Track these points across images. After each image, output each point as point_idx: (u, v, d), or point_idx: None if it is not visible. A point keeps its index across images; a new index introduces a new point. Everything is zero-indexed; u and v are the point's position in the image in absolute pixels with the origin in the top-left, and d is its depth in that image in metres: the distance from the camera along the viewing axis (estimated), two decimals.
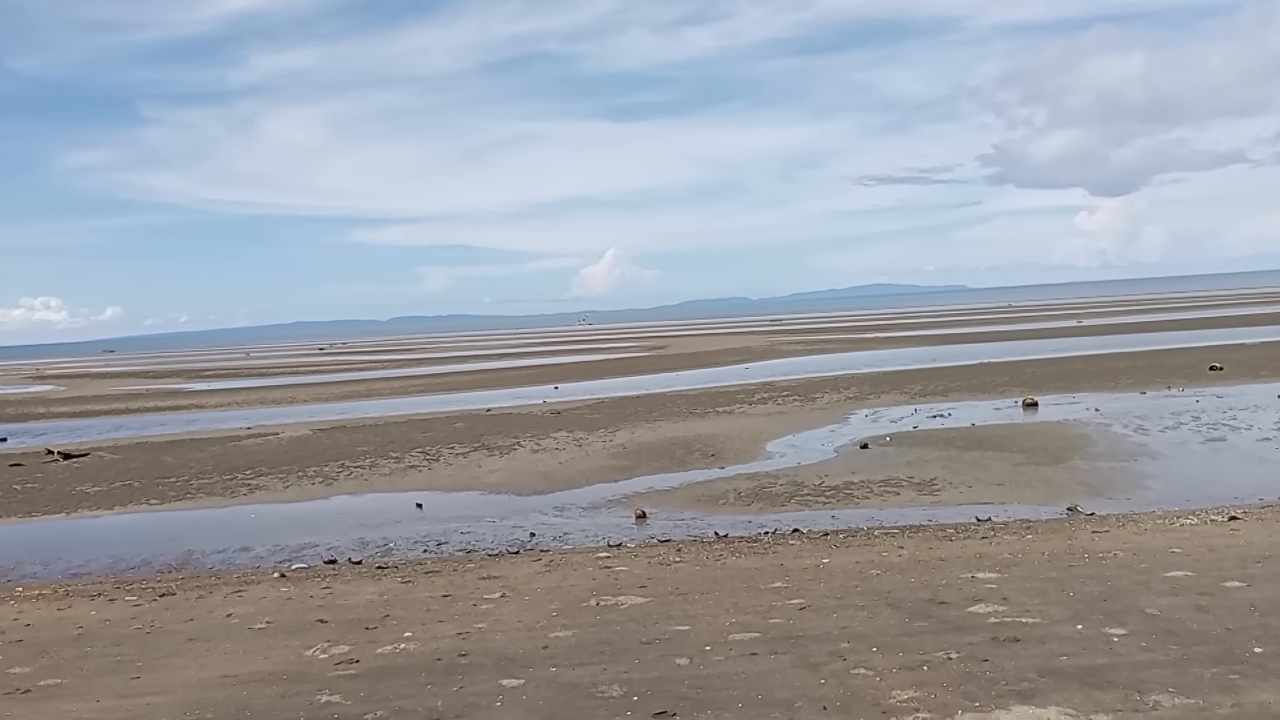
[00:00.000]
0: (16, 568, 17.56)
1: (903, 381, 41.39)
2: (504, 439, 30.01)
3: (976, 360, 50.89)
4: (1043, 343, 64.37)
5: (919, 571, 12.07)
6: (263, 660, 10.05)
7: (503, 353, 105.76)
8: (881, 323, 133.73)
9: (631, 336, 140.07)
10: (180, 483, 25.58)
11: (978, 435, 25.44)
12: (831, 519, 17.30)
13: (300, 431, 35.69)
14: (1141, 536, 13.56)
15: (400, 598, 12.62)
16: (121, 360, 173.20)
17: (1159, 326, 75.77)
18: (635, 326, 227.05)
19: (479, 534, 18.01)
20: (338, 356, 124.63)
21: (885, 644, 9.14)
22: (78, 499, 24.16)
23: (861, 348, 72.55)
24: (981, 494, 18.63)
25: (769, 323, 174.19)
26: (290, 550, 17.58)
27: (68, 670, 10.19)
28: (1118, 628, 9.18)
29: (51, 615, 13.05)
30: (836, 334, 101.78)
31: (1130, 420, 26.42)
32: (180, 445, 33.80)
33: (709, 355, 74.15)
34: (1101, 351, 51.86)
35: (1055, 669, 8.17)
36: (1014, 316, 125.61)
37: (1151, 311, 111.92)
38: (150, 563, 17.39)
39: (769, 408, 34.53)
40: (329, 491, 23.39)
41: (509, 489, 22.18)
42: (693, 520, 17.97)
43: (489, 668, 9.23)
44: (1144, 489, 18.38)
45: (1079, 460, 21.33)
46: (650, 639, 9.82)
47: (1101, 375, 38.67)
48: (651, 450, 26.24)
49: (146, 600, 13.62)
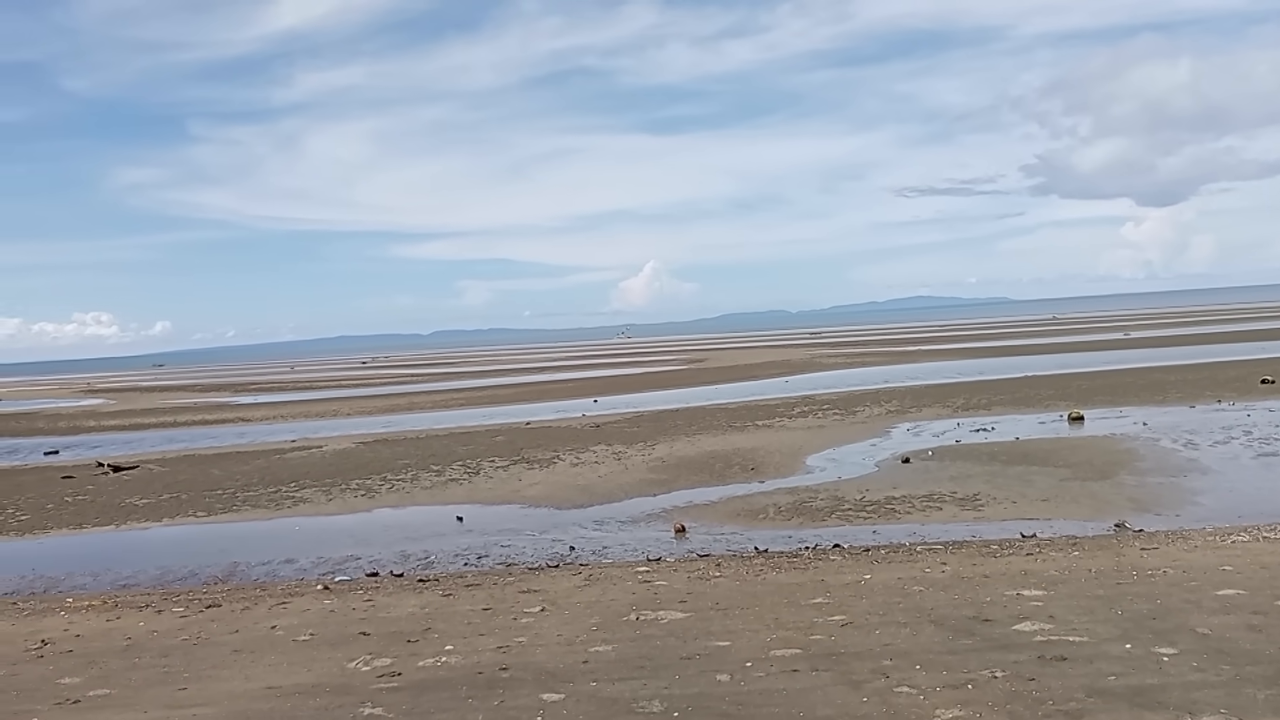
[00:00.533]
0: (67, 579, 17.90)
1: (945, 395, 40.98)
2: (544, 452, 30.11)
3: (1020, 373, 50.27)
4: (1088, 355, 63.48)
5: (963, 588, 11.92)
6: (306, 672, 10.15)
7: (542, 366, 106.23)
8: (922, 335, 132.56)
9: (670, 349, 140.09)
10: (226, 495, 25.96)
11: (1022, 450, 25.11)
12: (873, 534, 17.15)
13: (343, 445, 36.08)
14: (1191, 554, 13.30)
15: (441, 611, 12.69)
16: (170, 374, 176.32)
17: (1208, 339, 74.34)
18: (674, 339, 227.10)
19: (519, 547, 18.07)
20: (380, 370, 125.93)
21: (929, 662, 9.04)
22: (127, 511, 24.59)
23: (902, 361, 71.96)
24: (1026, 509, 18.38)
25: (808, 335, 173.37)
26: (333, 563, 17.76)
27: (116, 681, 10.36)
28: (1168, 647, 9.01)
29: (101, 626, 13.28)
30: (877, 347, 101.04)
31: (1179, 434, 25.94)
32: (226, 458, 34.31)
33: (748, 368, 73.94)
34: (1149, 364, 50.99)
35: (1104, 689, 8.02)
36: (1059, 329, 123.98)
37: (1200, 323, 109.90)
38: (197, 574, 17.65)
39: (809, 421, 34.34)
40: (371, 504, 23.60)
41: (548, 502, 22.24)
42: (732, 535, 17.90)
43: (530, 682, 9.26)
44: (1194, 505, 18.03)
45: (1126, 475, 20.97)
46: (690, 654, 9.79)
47: (1149, 389, 38.02)
48: (690, 464, 26.20)
49: (193, 612, 13.82)
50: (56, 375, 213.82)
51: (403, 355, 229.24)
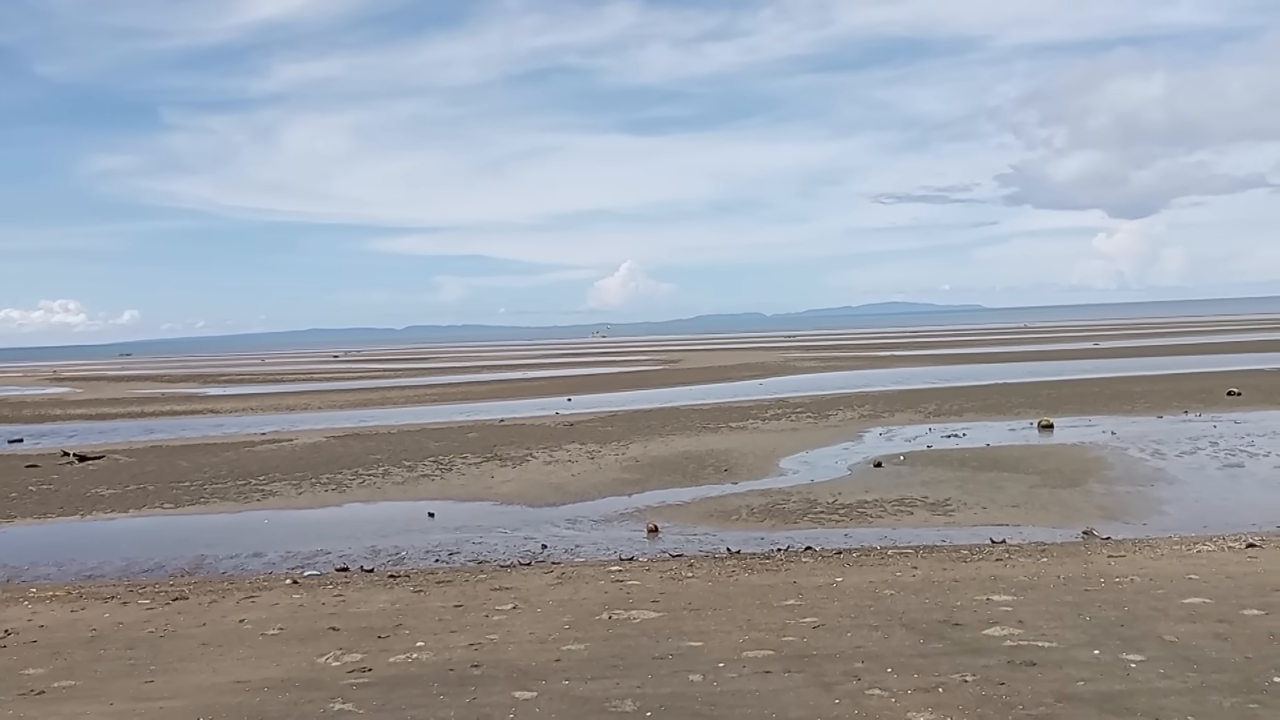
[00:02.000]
0: (31, 569, 17.64)
1: (917, 400, 41.25)
2: (517, 450, 30.03)
3: (992, 380, 50.70)
4: (1059, 364, 64.11)
5: (933, 592, 12.00)
6: (275, 667, 10.06)
7: (517, 364, 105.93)
8: (897, 341, 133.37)
9: (645, 349, 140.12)
10: (194, 487, 25.68)
11: (993, 456, 25.32)
12: (845, 537, 17.23)
13: (314, 438, 35.80)
14: (1158, 562, 13.45)
15: (412, 607, 12.61)
16: (138, 363, 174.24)
17: (1177, 350, 75.32)
18: (649, 339, 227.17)
19: (491, 544, 18.00)
20: (352, 364, 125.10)
21: (900, 665, 9.08)
22: (92, 501, 24.28)
23: (876, 365, 72.35)
24: (996, 515, 18.53)
25: (784, 339, 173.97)
26: (303, 557, 17.61)
27: (81, 672, 10.21)
28: (1135, 654, 9.10)
29: (65, 617, 13.10)
30: (851, 351, 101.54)
31: (1147, 444, 26.25)
32: (195, 449, 33.95)
33: (723, 370, 74.09)
34: (1118, 374, 51.56)
35: (1073, 694, 8.10)
36: (1030, 337, 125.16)
37: (1169, 335, 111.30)
38: (163, 566, 17.44)
39: (782, 424, 34.46)
40: (342, 499, 23.43)
41: (521, 500, 22.18)
42: (705, 535, 17.92)
43: (501, 679, 9.22)
44: (1161, 514, 18.24)
45: (1095, 484, 21.19)
46: (663, 654, 9.79)
47: (1118, 398, 38.45)
48: (664, 464, 26.21)
49: (159, 604, 13.65)
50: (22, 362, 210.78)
51: (376, 350, 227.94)
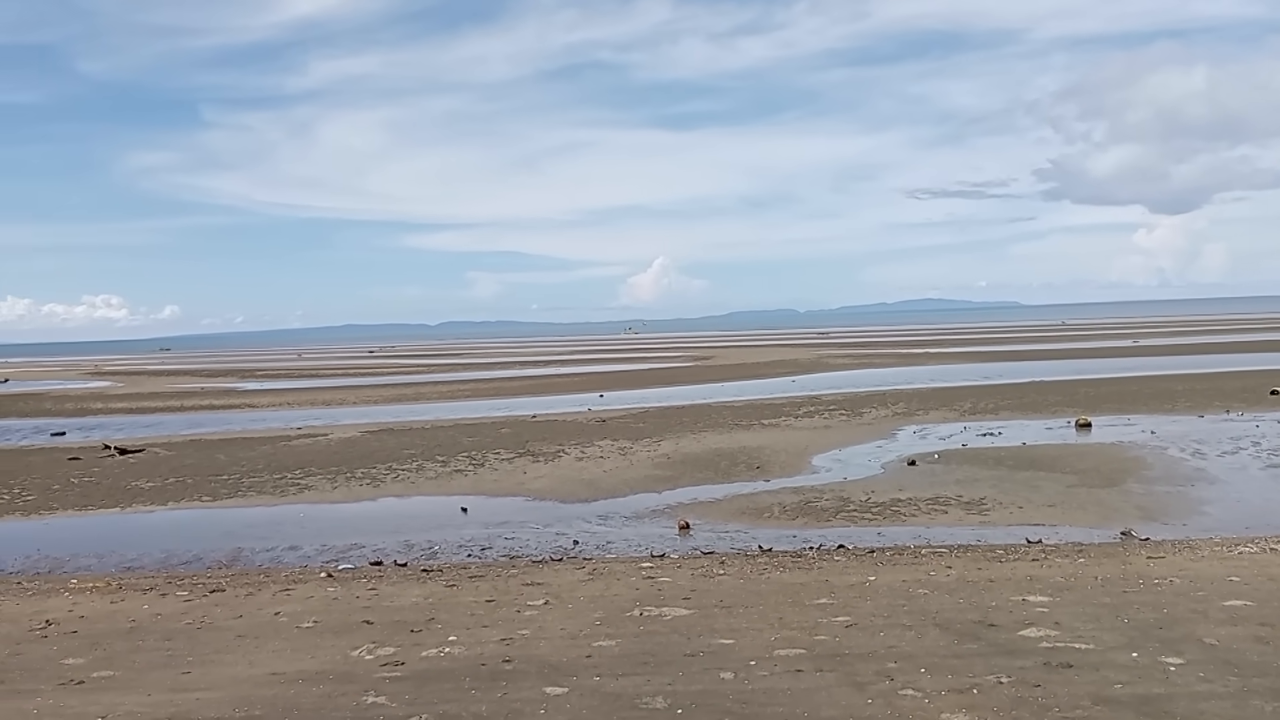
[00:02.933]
0: (72, 560, 17.95)
1: (952, 398, 40.88)
2: (549, 446, 30.11)
3: (1028, 379, 50.12)
4: (1097, 362, 63.28)
5: (968, 592, 11.88)
6: (310, 659, 10.15)
7: (549, 360, 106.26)
8: (931, 338, 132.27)
9: (678, 346, 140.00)
10: (231, 480, 26.00)
11: (1029, 455, 25.04)
12: (878, 536, 17.11)
13: (349, 433, 36.12)
14: (1198, 563, 13.23)
15: (445, 601, 12.68)
16: (178, 359, 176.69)
17: (1218, 348, 74.06)
18: (681, 336, 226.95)
19: (523, 540, 18.07)
20: (387, 360, 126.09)
21: (934, 665, 9.00)
22: (132, 494, 24.65)
23: (910, 363, 71.80)
24: (1032, 515, 18.32)
25: (817, 335, 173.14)
26: (337, 550, 17.78)
27: (120, 663, 10.37)
28: (1174, 657, 8.96)
29: (105, 608, 13.30)
30: (885, 348, 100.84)
31: (1187, 444, 25.85)
32: (232, 444, 34.37)
33: (755, 367, 73.86)
34: (1158, 373, 50.80)
35: (1110, 697, 7.98)
36: (1068, 335, 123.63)
37: (1211, 332, 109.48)
38: (201, 559, 17.68)
39: (815, 421, 34.29)
40: (376, 493, 23.62)
41: (553, 496, 22.24)
42: (736, 533, 17.87)
43: (533, 675, 9.24)
44: (1201, 515, 17.95)
45: (1133, 483, 20.90)
46: (694, 651, 9.77)
47: (1158, 397, 37.88)
48: (696, 461, 26.18)
49: (197, 596, 13.83)
50: (64, 357, 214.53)
51: (410, 345, 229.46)
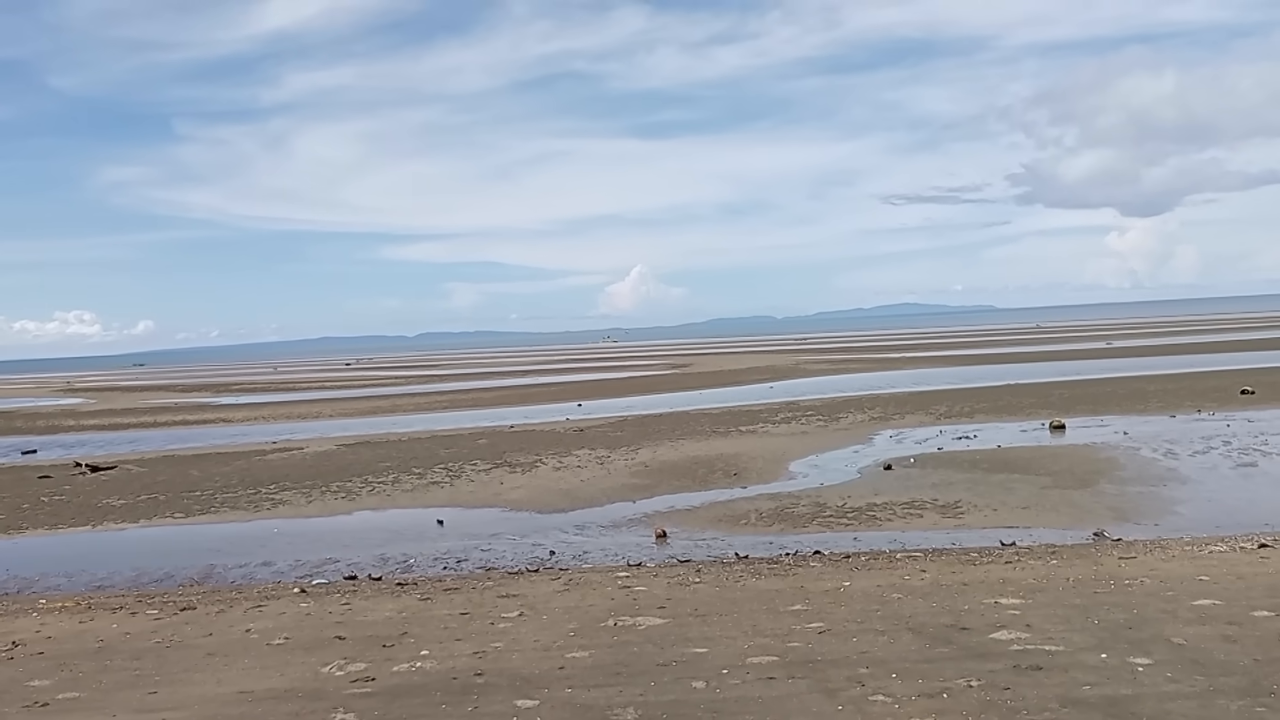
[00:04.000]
0: (41, 579, 17.72)
1: (928, 402, 41.09)
2: (526, 456, 30.02)
3: (1003, 381, 50.48)
4: (1071, 364, 63.76)
5: (941, 596, 11.92)
6: (279, 677, 10.05)
7: (527, 369, 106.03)
8: (908, 343, 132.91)
9: (656, 354, 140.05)
10: (205, 496, 25.76)
11: (1004, 458, 25.19)
12: (854, 541, 17.15)
13: (325, 446, 35.88)
14: (1169, 563, 13.34)
15: (419, 615, 12.60)
16: (152, 374, 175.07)
17: (1190, 349, 74.83)
18: (660, 344, 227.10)
19: (499, 551, 17.99)
20: (363, 372, 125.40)
21: (905, 670, 9.02)
22: (104, 511, 24.38)
23: (887, 368, 72.12)
24: (1007, 517, 18.42)
25: (794, 341, 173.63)
26: (311, 565, 17.64)
27: (86, 684, 10.23)
28: (1143, 657, 9.02)
29: (73, 628, 13.14)
30: (862, 354, 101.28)
31: (1160, 444, 26.08)
32: (206, 459, 34.07)
33: (733, 374, 73.97)
34: (1131, 374, 51.25)
35: (1078, 699, 8.02)
36: (1042, 337, 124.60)
37: (1183, 333, 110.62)
38: (173, 576, 17.49)
39: (792, 427, 34.37)
40: (352, 507, 23.47)
41: (530, 506, 22.17)
42: (713, 540, 17.87)
43: (504, 688, 9.19)
44: (1173, 514, 18.11)
45: (1107, 484, 21.06)
46: (667, 661, 9.75)
47: (1131, 398, 38.22)
48: (673, 469, 26.17)
49: (167, 614, 13.68)
50: (36, 374, 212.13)
51: (387, 357, 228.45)
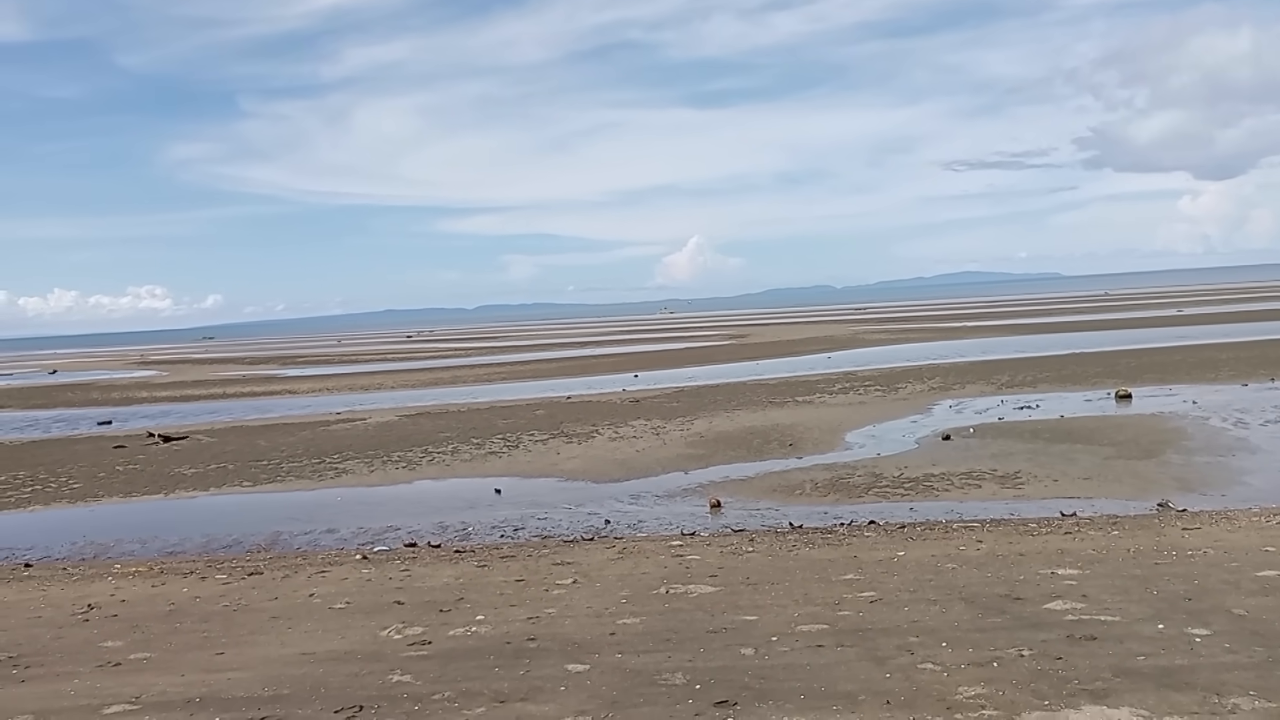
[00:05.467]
0: (116, 545, 18.38)
1: (989, 372, 40.47)
2: (583, 426, 30.26)
3: (1068, 350, 49.50)
4: (1140, 332, 62.23)
5: (996, 566, 11.82)
6: (340, 640, 10.35)
7: (584, 341, 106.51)
8: (970, 311, 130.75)
9: (713, 325, 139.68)
10: (271, 466, 26.43)
11: (1066, 428, 24.76)
12: (910, 511, 17.04)
13: (386, 417, 36.52)
14: (1234, 534, 13.05)
15: (475, 581, 12.85)
16: (220, 347, 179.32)
17: (1265, 315, 72.50)
18: (717, 315, 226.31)
19: (555, 520, 18.22)
20: (424, 344, 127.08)
21: (955, 639, 8.98)
22: (175, 480, 25.15)
23: (948, 337, 71.10)
24: (1067, 488, 18.15)
25: (853, 311, 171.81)
26: (373, 533, 18.04)
27: (157, 644, 10.64)
28: (1201, 628, 8.87)
29: (146, 591, 13.63)
30: (922, 323, 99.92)
31: (1230, 413, 25.41)
32: (273, 429, 34.90)
33: (790, 344, 73.53)
34: (1202, 341, 49.88)
35: (1131, 669, 7.93)
36: (1110, 305, 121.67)
37: (1258, 300, 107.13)
38: (241, 543, 18.03)
39: (850, 397, 34.12)
40: (412, 476, 23.90)
41: (586, 476, 22.37)
42: (768, 510, 17.88)
43: (556, 652, 9.35)
44: (1241, 485, 17.68)
45: (1173, 454, 20.61)
46: (717, 628, 9.83)
47: (1201, 366, 37.23)
48: (729, 439, 26.18)
49: (235, 579, 14.13)
50: (111, 347, 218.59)
51: (448, 329, 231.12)
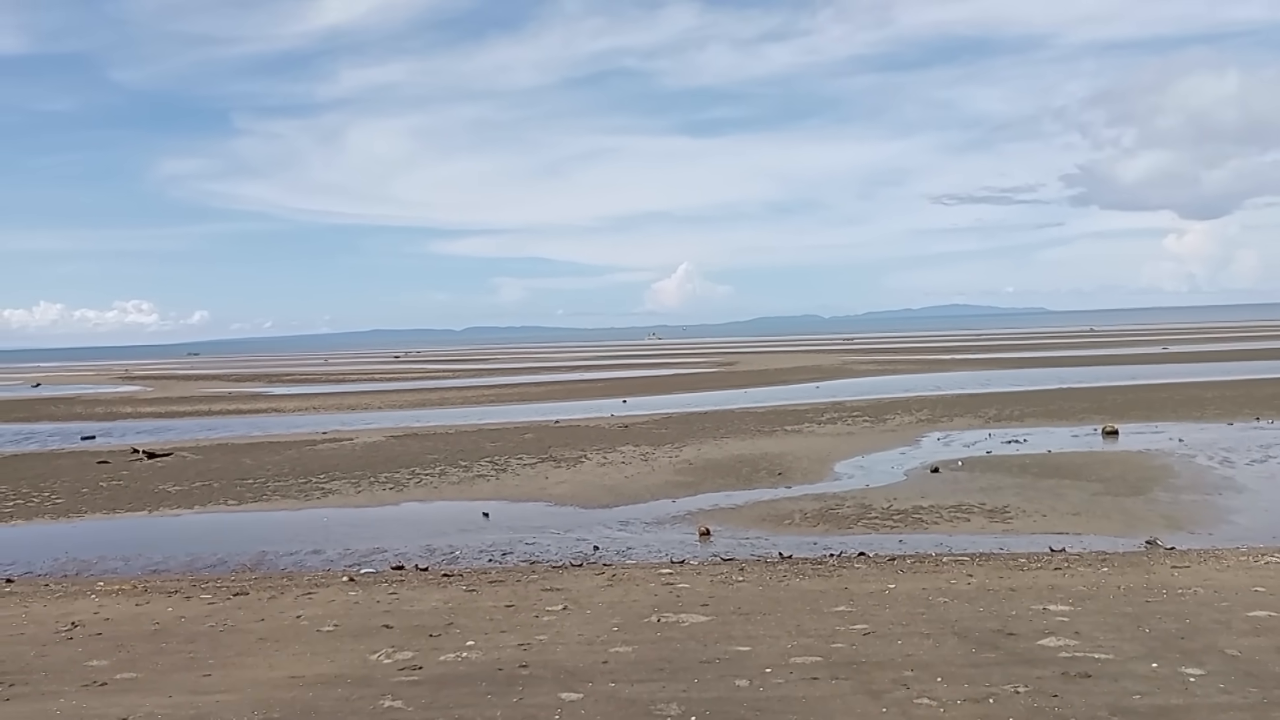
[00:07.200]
0: (99, 562, 18.18)
1: (977, 405, 40.62)
2: (571, 451, 30.18)
3: (1055, 385, 49.75)
4: (1126, 369, 62.64)
5: (988, 601, 11.81)
6: (329, 663, 10.24)
7: (573, 365, 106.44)
8: (957, 344, 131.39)
9: (702, 352, 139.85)
10: (257, 484, 26.24)
11: (1054, 463, 24.84)
12: (899, 543, 17.03)
13: (374, 438, 36.36)
14: (1223, 573, 13.08)
15: (464, 606, 12.75)
16: (206, 363, 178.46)
17: (1249, 355, 73.14)
18: (706, 342, 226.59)
19: (543, 545, 18.12)
20: (412, 365, 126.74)
21: (950, 674, 8.96)
22: (160, 497, 24.93)
23: (936, 369, 71.38)
24: (1056, 523, 18.17)
25: (841, 341, 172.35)
26: (359, 555, 17.90)
27: (143, 664, 10.50)
28: (1195, 668, 8.87)
29: (130, 610, 13.47)
30: (910, 355, 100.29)
31: (1216, 452, 25.55)
32: (259, 448, 34.68)
33: (779, 373, 73.66)
34: (1188, 379, 50.25)
35: (1128, 708, 7.92)
36: (1096, 341, 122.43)
37: (1242, 339, 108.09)
38: (226, 562, 17.86)
39: (838, 428, 34.16)
40: (399, 498, 23.77)
41: (574, 501, 22.29)
42: (757, 540, 17.84)
43: (549, 680, 9.28)
44: (1228, 524, 17.74)
45: (1160, 492, 20.68)
46: (710, 658, 9.77)
47: (1187, 404, 37.47)
48: (717, 467, 26.15)
49: (221, 599, 13.98)
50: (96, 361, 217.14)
51: (436, 350, 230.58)
